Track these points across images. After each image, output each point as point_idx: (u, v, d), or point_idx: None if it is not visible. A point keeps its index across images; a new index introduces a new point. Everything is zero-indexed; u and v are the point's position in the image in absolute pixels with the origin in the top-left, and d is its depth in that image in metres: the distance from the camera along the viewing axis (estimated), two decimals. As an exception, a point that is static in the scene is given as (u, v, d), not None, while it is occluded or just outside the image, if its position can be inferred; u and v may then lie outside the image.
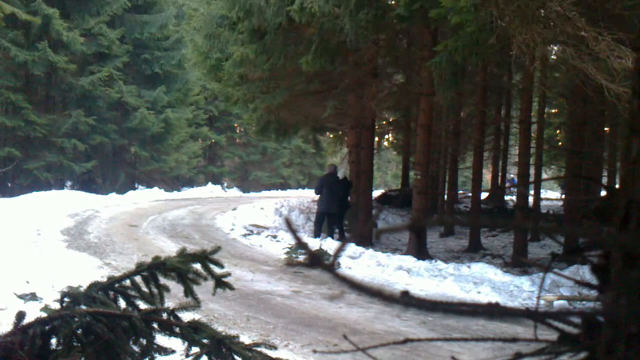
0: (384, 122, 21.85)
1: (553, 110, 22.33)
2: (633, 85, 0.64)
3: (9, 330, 2.16)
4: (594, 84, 7.72)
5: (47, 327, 2.18)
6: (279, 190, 33.03)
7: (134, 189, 25.90)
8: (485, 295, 8.20)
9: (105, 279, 2.52)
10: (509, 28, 7.55)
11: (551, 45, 8.88)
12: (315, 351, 4.81)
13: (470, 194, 16.12)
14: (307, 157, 38.85)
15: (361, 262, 10.05)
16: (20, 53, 21.67)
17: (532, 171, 14.01)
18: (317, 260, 0.53)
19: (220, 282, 2.58)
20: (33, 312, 2.39)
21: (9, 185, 23.40)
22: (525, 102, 12.76)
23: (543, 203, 20.78)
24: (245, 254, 10.81)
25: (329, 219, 13.09)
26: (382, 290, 0.51)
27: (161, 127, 25.69)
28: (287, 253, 10.69)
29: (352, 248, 10.57)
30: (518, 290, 8.72)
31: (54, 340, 2.20)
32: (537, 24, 7.49)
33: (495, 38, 7.78)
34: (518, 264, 10.92)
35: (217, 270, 2.56)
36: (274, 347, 2.45)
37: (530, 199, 14.77)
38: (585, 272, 8.50)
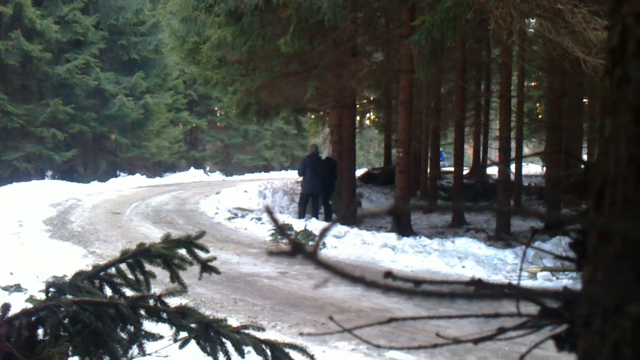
0: (365, 101, 21.84)
1: (532, 84, 22.46)
2: (605, 64, 0.65)
3: (-6, 323, 2.15)
4: (571, 56, 7.76)
5: (33, 318, 2.18)
6: (262, 172, 32.97)
7: (116, 176, 25.73)
8: (469, 270, 8.29)
9: (90, 268, 2.51)
10: (486, 2, 7.56)
11: (528, 19, 8.90)
12: (301, 334, 4.84)
13: (451, 169, 16.20)
14: (289, 138, 38.74)
15: (346, 241, 10.09)
16: (-7, 43, 21.32)
17: (513, 145, 14.10)
18: (298, 248, 0.53)
19: (206, 267, 2.59)
20: (18, 304, 2.38)
21: (-12, 176, 23.14)
22: (505, 77, 12.81)
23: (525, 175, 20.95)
24: (230, 237, 10.81)
25: (313, 199, 13.13)
26: (364, 276, 0.51)
27: (141, 113, 25.45)
28: (272, 235, 10.71)
29: (337, 227, 10.61)
30: (502, 263, 8.81)
31: (40, 331, 2.19)
32: (514, -2, 7.50)
33: (472, 13, 7.78)
34: (502, 237, 11.03)
35: (202, 254, 2.56)
36: (261, 329, 2.46)
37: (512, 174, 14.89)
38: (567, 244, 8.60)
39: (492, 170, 23.40)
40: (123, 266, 2.51)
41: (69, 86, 23.54)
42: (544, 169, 21.60)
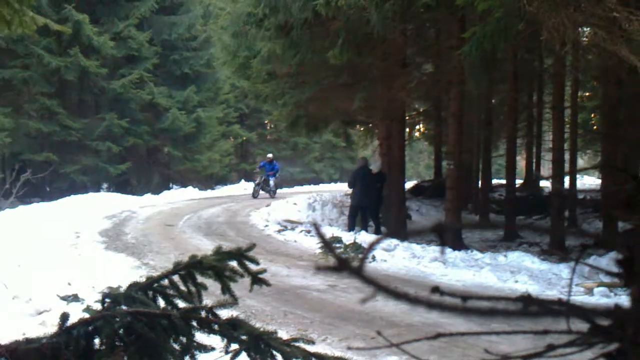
0: (415, 113, 21.69)
1: (586, 94, 21.91)
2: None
3: (54, 331, 2.22)
4: (627, 65, 7.57)
5: (90, 328, 2.24)
6: (311, 185, 33.09)
7: (169, 188, 26.21)
8: (523, 284, 8.11)
9: (143, 279, 2.57)
10: (538, 12, 7.44)
11: (582, 28, 8.72)
12: (350, 348, 4.83)
13: (504, 182, 15.93)
14: (338, 151, 38.80)
15: (396, 255, 10.03)
16: (53, 59, 22.11)
17: (567, 156, 13.79)
18: (344, 264, 0.54)
19: (257, 279, 2.61)
20: (76, 313, 2.46)
21: (48, 189, 23.91)
22: (558, 87, 12.56)
23: (582, 187, 20.42)
24: (280, 249, 10.86)
25: (363, 212, 13.10)
26: (407, 293, 0.52)
27: (193, 127, 25.94)
28: (322, 248, 10.71)
29: (386, 240, 10.55)
30: (557, 278, 8.60)
31: (97, 340, 2.25)
32: (567, 7, 7.37)
33: (524, 23, 7.67)
34: (555, 252, 10.78)
35: (253, 267, 2.58)
36: (312, 342, 2.47)
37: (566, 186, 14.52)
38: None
39: (546, 183, 22.91)
40: (175, 278, 2.56)
41: (123, 100, 24.21)
42: (600, 181, 20.99)
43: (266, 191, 21.73)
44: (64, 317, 2.27)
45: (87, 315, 2.34)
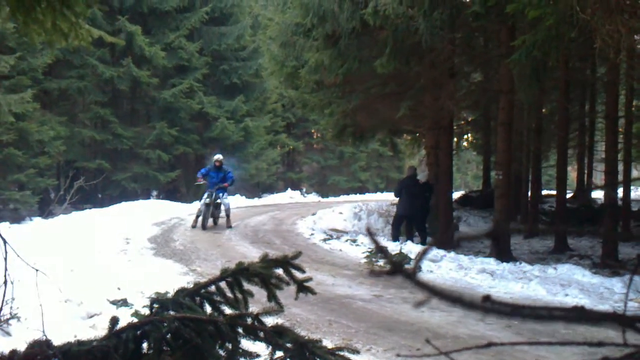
0: (463, 122, 21.46)
1: (642, 103, 21.29)
2: None
3: (104, 334, 2.26)
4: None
5: (138, 332, 2.27)
6: (357, 194, 33.04)
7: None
8: (573, 298, 7.91)
9: (191, 285, 2.60)
10: (592, 19, 7.28)
11: (638, 35, 8.51)
12: (398, 355, 4.78)
13: (555, 193, 15.60)
14: (384, 160, 38.68)
15: (443, 266, 9.90)
16: (106, 70, 22.72)
17: (620, 167, 13.43)
18: (398, 268, 0.53)
19: (302, 287, 2.61)
20: (125, 318, 2.50)
21: (100, 196, 24.51)
22: (611, 96, 12.26)
23: (636, 199, 19.81)
24: (326, 258, 10.85)
25: (408, 221, 12.96)
26: (462, 296, 0.51)
27: (241, 136, 26.26)
28: (367, 257, 10.66)
29: (433, 251, 10.43)
30: (609, 292, 8.34)
31: (145, 345, 2.28)
32: (622, 14, 7.19)
33: (576, 30, 7.52)
34: (608, 265, 10.48)
35: (298, 275, 2.58)
36: (356, 351, 2.45)
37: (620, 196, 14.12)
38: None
39: (598, 194, 22.33)
40: (222, 284, 2.58)
41: (174, 110, 24.68)
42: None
43: (215, 217, 14.38)
44: (114, 321, 2.31)
45: (135, 320, 2.38)
